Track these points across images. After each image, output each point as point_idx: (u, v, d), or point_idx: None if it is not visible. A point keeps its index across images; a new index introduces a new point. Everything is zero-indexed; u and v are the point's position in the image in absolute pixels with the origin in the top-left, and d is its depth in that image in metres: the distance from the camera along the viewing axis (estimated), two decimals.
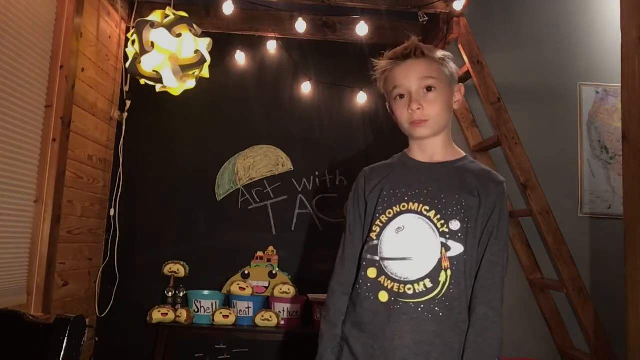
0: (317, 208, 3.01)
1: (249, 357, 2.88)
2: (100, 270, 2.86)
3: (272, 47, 3.01)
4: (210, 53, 2.45)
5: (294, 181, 3.02)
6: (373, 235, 1.26)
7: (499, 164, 2.95)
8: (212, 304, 2.75)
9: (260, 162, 3.03)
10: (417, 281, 1.19)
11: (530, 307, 2.88)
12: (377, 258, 1.24)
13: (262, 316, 2.71)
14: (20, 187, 2.10)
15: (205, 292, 2.81)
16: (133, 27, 2.35)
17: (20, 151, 2.08)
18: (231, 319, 2.71)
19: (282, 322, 2.74)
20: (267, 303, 2.82)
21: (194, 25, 2.39)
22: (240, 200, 3.00)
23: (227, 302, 2.81)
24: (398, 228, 1.24)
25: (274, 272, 2.85)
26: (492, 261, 1.21)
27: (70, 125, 2.36)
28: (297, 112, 3.06)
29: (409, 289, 1.19)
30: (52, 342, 1.40)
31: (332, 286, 1.33)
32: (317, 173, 3.04)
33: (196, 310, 2.74)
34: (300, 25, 2.84)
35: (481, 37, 2.76)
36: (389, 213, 1.25)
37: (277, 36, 3.01)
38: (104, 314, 2.82)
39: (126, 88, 2.92)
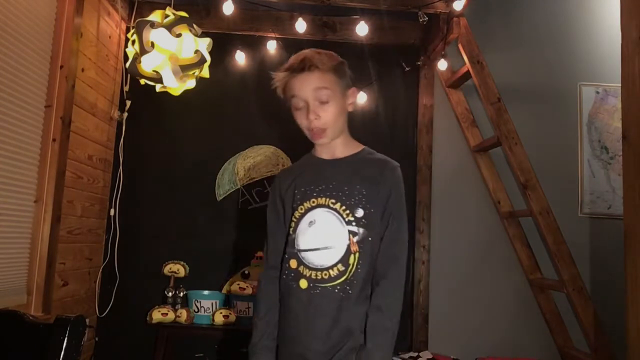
0: None
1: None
2: (100, 270, 2.86)
3: (272, 47, 3.01)
4: (210, 53, 2.45)
5: None
6: (291, 230, 1.40)
7: (499, 164, 2.95)
8: (212, 304, 2.75)
9: (260, 162, 3.03)
10: (332, 267, 1.33)
11: (530, 307, 2.88)
12: (295, 250, 1.38)
13: None
14: (20, 187, 2.10)
15: (205, 292, 2.81)
16: (133, 27, 2.35)
17: (20, 151, 2.08)
18: (231, 319, 2.71)
19: None
20: None
21: (194, 25, 2.39)
22: (240, 200, 3.00)
23: (227, 302, 2.81)
24: (310, 222, 1.37)
25: None
26: (391, 237, 1.36)
27: (70, 125, 2.36)
28: None
29: (326, 274, 1.33)
30: (52, 342, 1.40)
31: (258, 279, 1.48)
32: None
33: (196, 310, 2.74)
34: (300, 25, 2.84)
35: (481, 37, 2.76)
36: (301, 209, 1.39)
37: (277, 36, 3.01)
38: (104, 314, 2.82)
39: (126, 88, 2.92)
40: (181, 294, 2.79)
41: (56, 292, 2.34)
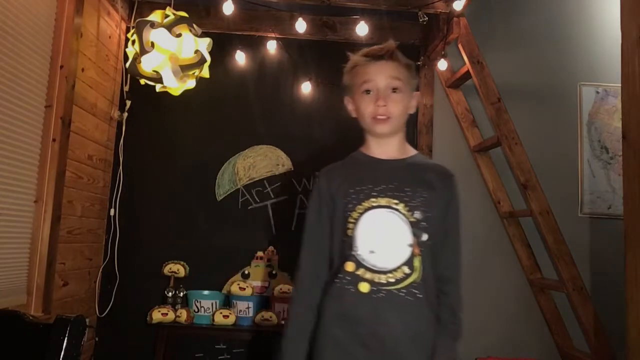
0: None
1: (249, 357, 2.88)
2: (100, 270, 2.86)
3: (272, 47, 3.01)
4: (210, 53, 2.45)
5: (294, 181, 3.02)
6: (348, 232, 1.33)
7: (499, 164, 2.95)
8: (212, 304, 2.75)
9: (260, 162, 3.03)
10: (396, 269, 1.29)
11: (530, 307, 2.88)
12: (353, 252, 1.31)
13: (262, 316, 2.71)
14: (20, 187, 2.10)
15: (205, 292, 2.81)
16: (133, 27, 2.35)
17: (20, 151, 2.08)
18: (231, 319, 2.71)
19: (282, 322, 2.74)
20: (267, 303, 2.82)
21: (194, 25, 2.39)
22: (240, 200, 3.00)
23: (227, 302, 2.81)
24: (370, 222, 1.31)
25: (274, 272, 2.85)
26: (452, 245, 1.37)
27: (70, 125, 2.36)
28: (297, 112, 3.06)
29: (390, 277, 1.29)
30: (52, 342, 1.40)
31: (294, 297, 1.39)
32: (317, 173, 3.03)
33: (196, 310, 2.74)
34: (300, 25, 2.84)
35: (481, 37, 2.76)
36: (360, 209, 1.32)
37: (277, 36, 3.01)
38: (104, 314, 2.82)
39: (126, 88, 2.92)
40: (181, 294, 2.79)
41: (56, 292, 2.34)
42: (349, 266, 1.31)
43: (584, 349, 2.65)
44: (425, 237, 1.31)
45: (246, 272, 2.85)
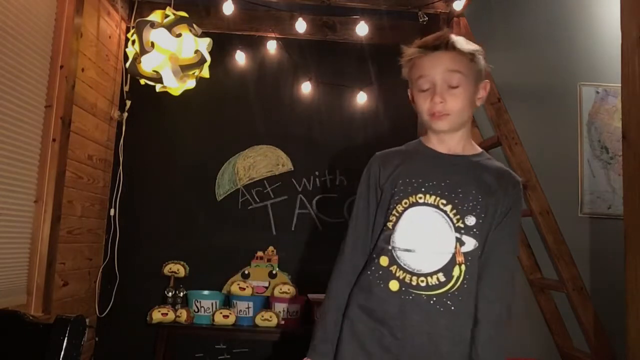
0: (317, 208, 3.01)
1: (249, 357, 2.88)
2: (100, 270, 2.86)
3: (272, 47, 3.01)
4: (210, 53, 2.46)
5: (294, 181, 3.02)
6: (389, 224, 1.25)
7: None
8: (212, 304, 2.75)
9: (260, 162, 3.03)
10: (431, 274, 1.19)
11: (530, 307, 2.88)
12: (390, 247, 1.23)
13: (262, 316, 2.71)
14: (20, 187, 2.10)
15: (205, 292, 2.81)
16: (133, 27, 2.35)
17: (20, 151, 2.08)
18: (231, 319, 2.71)
19: (282, 322, 2.74)
20: (267, 303, 2.82)
21: (194, 25, 2.39)
22: (240, 200, 3.00)
23: (227, 302, 2.81)
24: (412, 219, 1.22)
25: (274, 272, 2.85)
26: (502, 259, 1.23)
27: (70, 125, 2.36)
28: (297, 112, 3.06)
29: (422, 281, 1.19)
30: (52, 342, 1.40)
31: (333, 271, 1.33)
32: (317, 173, 3.04)
33: (196, 310, 2.74)
34: (300, 25, 2.84)
35: (481, 37, 2.75)
36: (405, 203, 1.23)
37: (277, 36, 3.01)
38: (104, 314, 2.82)
39: (126, 88, 2.92)
40: (181, 294, 2.79)
41: (56, 292, 2.34)
42: (383, 260, 1.23)
43: (584, 349, 2.65)
44: (473, 245, 1.19)
45: (246, 272, 2.85)
